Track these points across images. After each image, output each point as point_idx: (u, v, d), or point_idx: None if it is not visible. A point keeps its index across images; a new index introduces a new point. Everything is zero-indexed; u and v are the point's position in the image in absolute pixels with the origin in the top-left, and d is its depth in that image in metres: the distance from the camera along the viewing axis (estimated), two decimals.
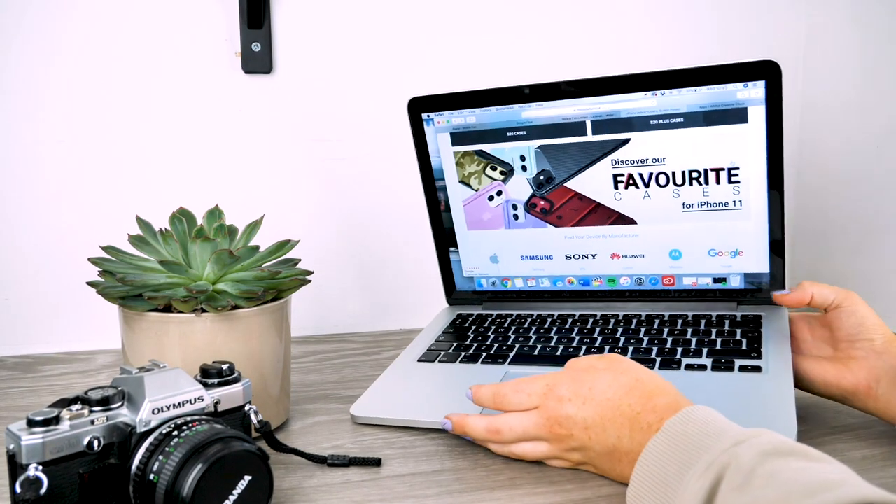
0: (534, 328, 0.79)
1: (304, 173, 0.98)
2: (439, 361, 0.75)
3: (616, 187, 0.76)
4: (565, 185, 0.78)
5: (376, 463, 0.60)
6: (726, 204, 0.74)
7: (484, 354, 0.74)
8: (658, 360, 0.68)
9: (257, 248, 0.68)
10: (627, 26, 1.05)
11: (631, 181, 0.76)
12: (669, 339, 0.72)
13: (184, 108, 0.93)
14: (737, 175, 0.72)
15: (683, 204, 0.75)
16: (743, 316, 0.74)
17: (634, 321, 0.77)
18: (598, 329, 0.76)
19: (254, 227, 0.71)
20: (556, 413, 0.56)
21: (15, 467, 0.45)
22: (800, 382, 0.66)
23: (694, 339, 0.71)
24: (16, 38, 0.87)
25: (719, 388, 0.62)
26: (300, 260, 0.71)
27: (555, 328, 0.78)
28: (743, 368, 0.64)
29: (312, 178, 0.98)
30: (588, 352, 0.72)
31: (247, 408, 0.56)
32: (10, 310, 0.90)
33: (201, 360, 0.59)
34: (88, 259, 0.65)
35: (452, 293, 0.89)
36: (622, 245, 0.79)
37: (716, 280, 0.78)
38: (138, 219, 0.68)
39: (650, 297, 0.81)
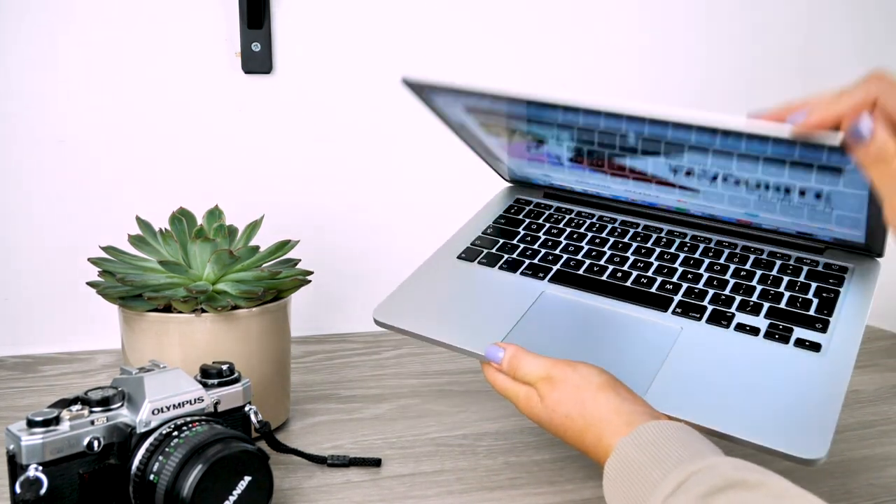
0: (589, 235, 0.71)
1: (304, 173, 0.98)
2: (478, 263, 0.69)
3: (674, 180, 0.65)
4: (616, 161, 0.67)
5: (376, 463, 0.60)
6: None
7: (526, 262, 0.68)
8: (710, 308, 0.61)
9: (257, 248, 0.68)
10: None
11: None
12: (731, 282, 0.63)
13: (184, 109, 0.93)
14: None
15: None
16: (827, 265, 0.64)
17: (701, 248, 0.68)
18: (655, 252, 0.68)
19: (254, 227, 0.71)
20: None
21: (15, 467, 0.45)
22: None
23: (759, 288, 0.63)
24: (16, 38, 0.87)
25: (760, 367, 0.56)
26: (300, 260, 0.71)
27: (611, 241, 0.70)
28: (800, 343, 0.57)
29: (312, 178, 0.98)
30: (636, 282, 0.65)
31: (247, 408, 0.56)
32: (10, 310, 0.90)
33: (201, 360, 0.59)
34: (88, 259, 0.65)
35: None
36: (686, 198, 0.68)
37: (800, 234, 0.66)
38: (138, 219, 0.68)
39: (725, 227, 0.70)
